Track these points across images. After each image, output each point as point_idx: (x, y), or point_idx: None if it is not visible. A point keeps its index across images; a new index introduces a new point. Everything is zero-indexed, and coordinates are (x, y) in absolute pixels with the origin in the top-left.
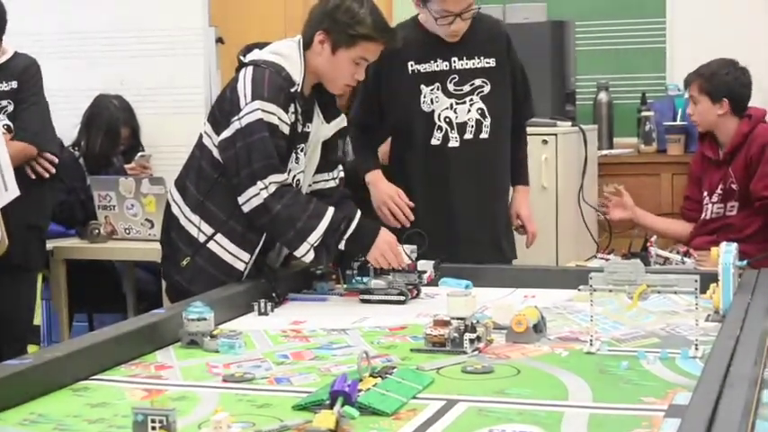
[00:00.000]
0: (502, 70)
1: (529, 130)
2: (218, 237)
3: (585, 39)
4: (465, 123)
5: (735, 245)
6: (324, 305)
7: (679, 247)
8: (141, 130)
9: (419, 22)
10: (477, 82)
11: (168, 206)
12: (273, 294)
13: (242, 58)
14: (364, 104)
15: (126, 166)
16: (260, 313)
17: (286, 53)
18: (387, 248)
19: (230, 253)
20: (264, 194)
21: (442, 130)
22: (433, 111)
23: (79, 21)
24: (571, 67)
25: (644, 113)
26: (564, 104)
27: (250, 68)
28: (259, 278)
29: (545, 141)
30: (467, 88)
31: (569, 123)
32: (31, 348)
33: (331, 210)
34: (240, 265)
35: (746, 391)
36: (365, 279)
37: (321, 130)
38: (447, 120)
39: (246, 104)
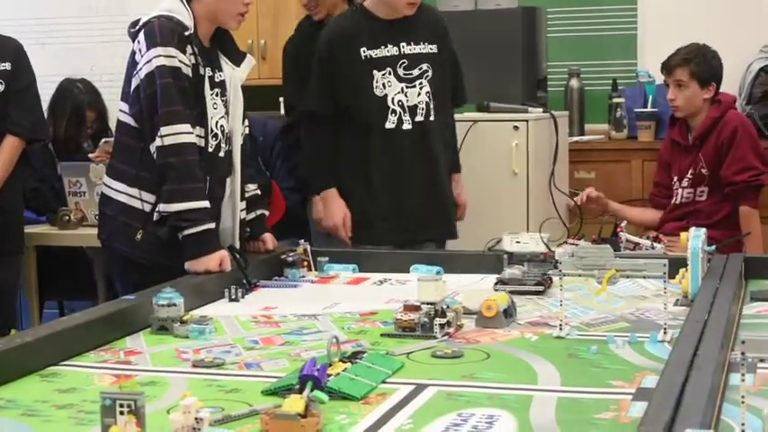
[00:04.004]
0: (442, 56)
1: (500, 116)
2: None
3: (557, 25)
4: (416, 106)
5: (703, 230)
6: (295, 292)
7: (649, 232)
8: (110, 114)
9: (367, 9)
10: (424, 66)
11: (105, 200)
12: (244, 281)
13: (132, 29)
14: (317, 93)
15: (90, 155)
16: (231, 299)
17: (171, 7)
18: (209, 267)
19: None
20: (159, 143)
21: (396, 114)
22: (386, 95)
23: (50, 6)
24: (542, 53)
25: (615, 100)
26: (535, 91)
27: (142, 30)
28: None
29: (516, 127)
30: (415, 72)
31: (540, 110)
32: (14, 333)
33: (198, 203)
34: None
35: (713, 375)
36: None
37: (234, 75)
38: (399, 103)
39: (143, 56)
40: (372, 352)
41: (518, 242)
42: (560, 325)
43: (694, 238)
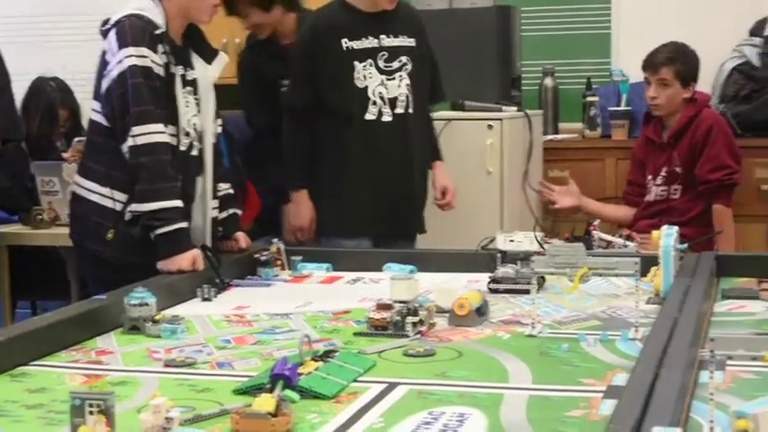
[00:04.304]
0: (420, 50)
1: (475, 115)
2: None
3: (531, 24)
4: (396, 98)
5: (675, 228)
6: (268, 291)
7: (622, 230)
8: (83, 113)
9: (346, 2)
10: (404, 59)
11: (76, 200)
12: (217, 280)
13: (103, 28)
14: (298, 85)
15: (64, 154)
16: (203, 299)
17: (142, 5)
18: (182, 266)
19: None
20: (131, 143)
21: (376, 105)
22: (367, 87)
23: (22, 4)
24: (517, 52)
25: (589, 99)
26: (509, 89)
27: (112, 29)
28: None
29: (490, 126)
30: (395, 65)
31: (515, 108)
32: None
33: (171, 202)
34: None
35: (683, 372)
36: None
37: (206, 72)
38: (380, 95)
39: (114, 56)
40: (344, 351)
41: (511, 241)
42: (532, 323)
43: (666, 237)
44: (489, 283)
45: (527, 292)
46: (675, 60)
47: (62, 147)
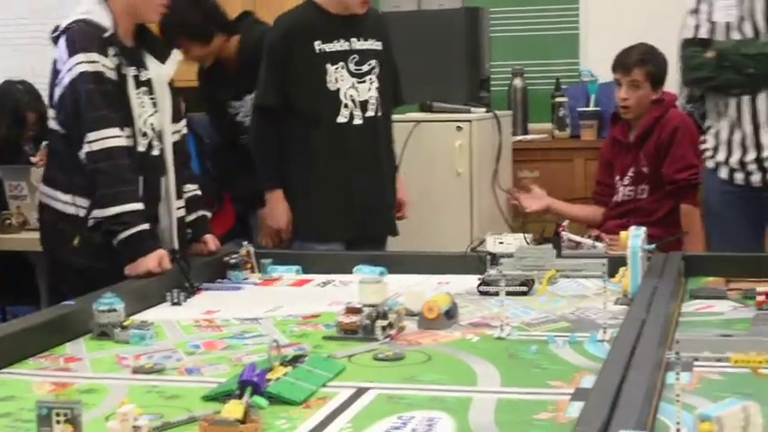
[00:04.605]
0: (387, 54)
1: (443, 116)
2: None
3: (500, 25)
4: (366, 101)
5: (643, 229)
6: (238, 294)
7: (591, 231)
8: None
9: (318, 4)
10: (373, 63)
11: (42, 208)
12: (187, 284)
13: (52, 35)
14: (269, 86)
15: (32, 158)
16: (173, 303)
17: (89, 9)
18: (149, 267)
19: None
20: (87, 149)
21: (348, 108)
22: (339, 89)
23: None
24: (485, 53)
25: (558, 99)
26: (478, 91)
27: (61, 36)
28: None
29: (459, 128)
30: (365, 68)
31: (484, 110)
32: None
33: (131, 206)
34: None
35: (650, 374)
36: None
37: (161, 71)
38: (351, 98)
39: (64, 63)
40: (313, 355)
41: (501, 243)
42: (501, 326)
43: (634, 237)
44: (479, 285)
45: (519, 293)
46: (647, 62)
47: (30, 150)
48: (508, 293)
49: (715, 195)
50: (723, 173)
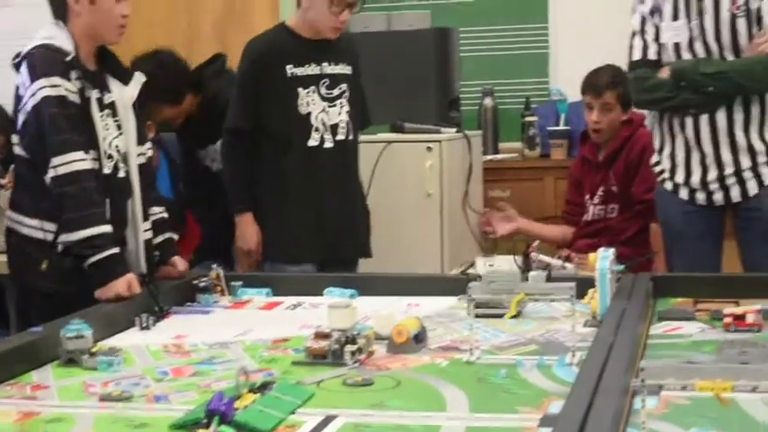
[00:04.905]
0: (356, 78)
1: (413, 137)
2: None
3: (470, 45)
4: (337, 125)
5: (612, 250)
6: (207, 318)
7: (561, 251)
8: None
9: (290, 28)
10: (343, 86)
11: (9, 233)
12: (156, 308)
13: (13, 61)
14: (240, 110)
15: (1, 180)
16: (142, 328)
17: (50, 33)
18: (118, 291)
19: None
20: (52, 173)
21: (318, 132)
22: (310, 113)
23: None
24: (455, 73)
25: (528, 119)
26: (448, 111)
27: (23, 62)
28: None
29: (429, 148)
30: (336, 92)
31: (454, 130)
32: None
33: (99, 228)
34: None
35: (617, 399)
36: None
37: (124, 94)
38: (322, 121)
39: (27, 89)
40: (282, 381)
41: (491, 265)
42: (471, 349)
43: (602, 259)
44: (474, 308)
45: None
46: (618, 84)
47: None
48: (496, 316)
49: (676, 216)
50: (683, 193)
